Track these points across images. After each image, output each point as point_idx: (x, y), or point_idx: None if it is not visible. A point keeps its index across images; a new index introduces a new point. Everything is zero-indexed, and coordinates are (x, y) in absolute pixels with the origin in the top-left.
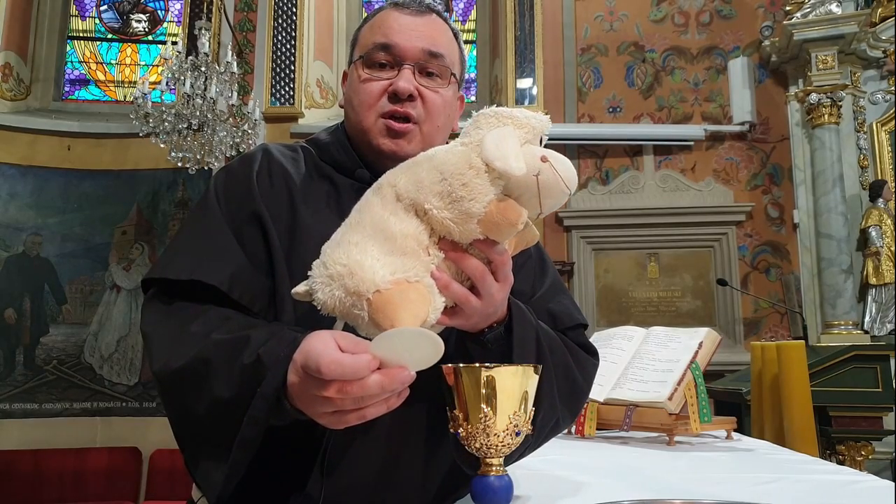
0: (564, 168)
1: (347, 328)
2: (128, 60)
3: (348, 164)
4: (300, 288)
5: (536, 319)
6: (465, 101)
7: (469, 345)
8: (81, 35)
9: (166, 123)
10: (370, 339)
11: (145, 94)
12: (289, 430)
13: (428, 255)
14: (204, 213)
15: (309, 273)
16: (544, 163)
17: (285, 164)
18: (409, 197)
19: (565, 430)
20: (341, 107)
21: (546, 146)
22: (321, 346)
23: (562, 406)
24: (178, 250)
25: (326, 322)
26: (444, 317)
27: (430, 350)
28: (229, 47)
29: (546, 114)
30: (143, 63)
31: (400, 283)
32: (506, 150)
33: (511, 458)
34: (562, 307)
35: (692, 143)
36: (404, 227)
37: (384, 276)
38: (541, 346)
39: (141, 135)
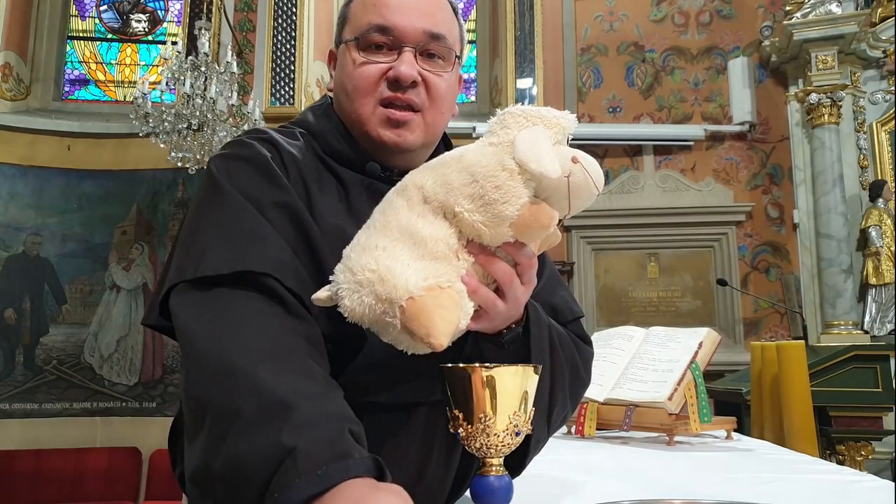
0: (594, 168)
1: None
2: (128, 60)
3: (352, 157)
4: (321, 294)
5: (547, 316)
6: (465, 100)
7: (483, 345)
8: (81, 35)
9: (166, 123)
10: (396, 346)
11: (145, 94)
12: None
13: (458, 260)
14: (222, 202)
15: (331, 278)
16: (575, 164)
17: (291, 149)
18: (437, 199)
19: (564, 431)
20: (329, 90)
21: None
22: None
23: (569, 401)
24: (206, 245)
25: (336, 355)
26: (471, 321)
27: None
28: (229, 47)
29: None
30: (143, 63)
31: (433, 289)
32: (540, 152)
33: (528, 457)
34: (562, 301)
35: (692, 143)
36: (434, 231)
37: (417, 282)
38: (553, 343)
39: (141, 135)
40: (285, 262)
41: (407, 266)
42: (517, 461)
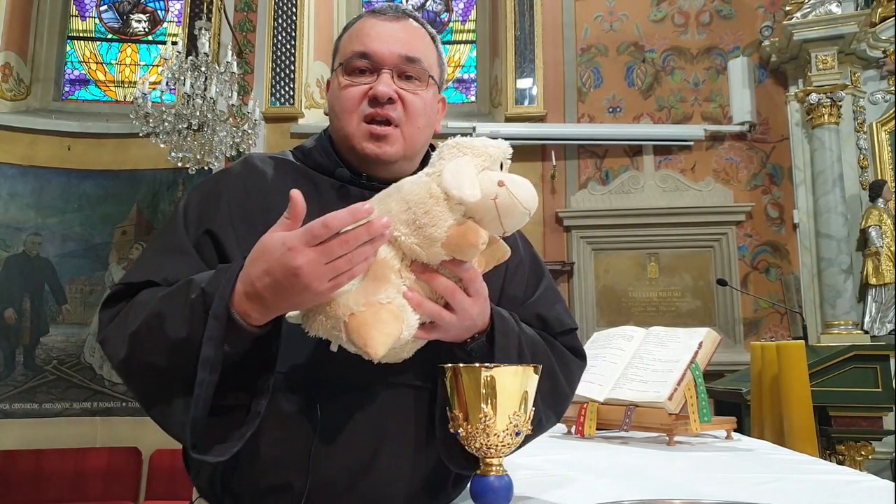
0: (521, 190)
1: (341, 349)
2: (128, 60)
3: (329, 166)
4: (291, 313)
5: (520, 326)
6: (465, 100)
7: (457, 353)
8: (81, 35)
9: (166, 123)
10: (358, 355)
11: (145, 94)
12: (279, 423)
13: (400, 278)
14: (167, 229)
15: None
16: (501, 187)
17: (263, 168)
18: None
19: (564, 431)
20: (326, 114)
21: (546, 147)
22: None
23: (544, 406)
24: (139, 262)
25: (298, 333)
26: (422, 332)
27: None
28: (229, 47)
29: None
30: (143, 63)
31: (373, 304)
32: (461, 179)
33: None
34: (553, 313)
35: (692, 143)
36: (376, 254)
37: (357, 299)
38: (523, 353)
39: (141, 135)
40: (193, 273)
41: (351, 286)
42: (474, 461)
